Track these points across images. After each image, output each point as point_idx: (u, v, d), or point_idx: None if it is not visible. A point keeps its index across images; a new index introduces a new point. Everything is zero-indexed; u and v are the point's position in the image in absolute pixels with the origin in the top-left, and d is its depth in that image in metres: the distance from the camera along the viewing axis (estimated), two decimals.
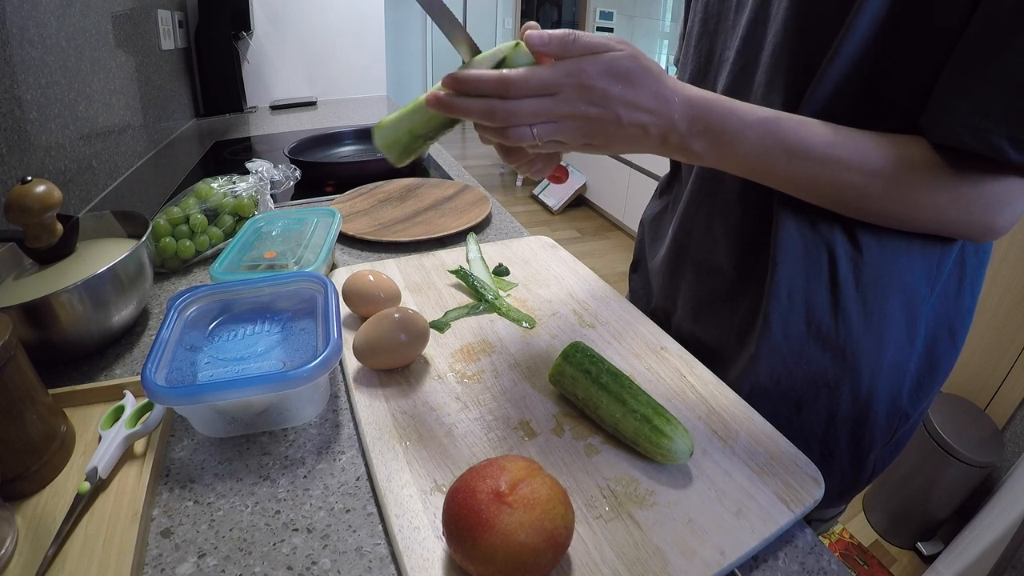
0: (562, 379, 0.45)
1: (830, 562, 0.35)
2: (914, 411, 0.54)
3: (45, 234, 0.53)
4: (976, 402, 1.43)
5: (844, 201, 0.42)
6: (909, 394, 0.52)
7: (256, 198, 0.76)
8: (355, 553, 0.35)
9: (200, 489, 0.40)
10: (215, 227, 0.72)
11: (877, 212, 0.42)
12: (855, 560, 1.41)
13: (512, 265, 0.69)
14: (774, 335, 0.50)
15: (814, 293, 0.48)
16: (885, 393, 0.51)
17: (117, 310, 0.53)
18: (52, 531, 0.35)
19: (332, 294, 0.49)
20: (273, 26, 1.86)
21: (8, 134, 0.73)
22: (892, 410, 0.52)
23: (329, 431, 0.46)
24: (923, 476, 1.37)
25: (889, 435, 0.54)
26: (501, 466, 0.32)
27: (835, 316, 0.48)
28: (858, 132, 0.40)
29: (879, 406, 0.51)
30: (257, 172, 0.78)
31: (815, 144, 0.40)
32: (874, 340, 0.48)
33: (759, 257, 0.51)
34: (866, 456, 0.54)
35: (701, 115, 0.40)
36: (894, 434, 0.54)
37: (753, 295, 0.52)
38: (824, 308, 0.48)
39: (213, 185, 0.74)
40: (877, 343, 0.48)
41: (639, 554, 0.33)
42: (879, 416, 0.52)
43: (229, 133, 1.51)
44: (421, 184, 0.99)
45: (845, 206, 0.43)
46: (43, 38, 0.84)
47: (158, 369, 0.41)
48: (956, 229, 0.42)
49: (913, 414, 0.54)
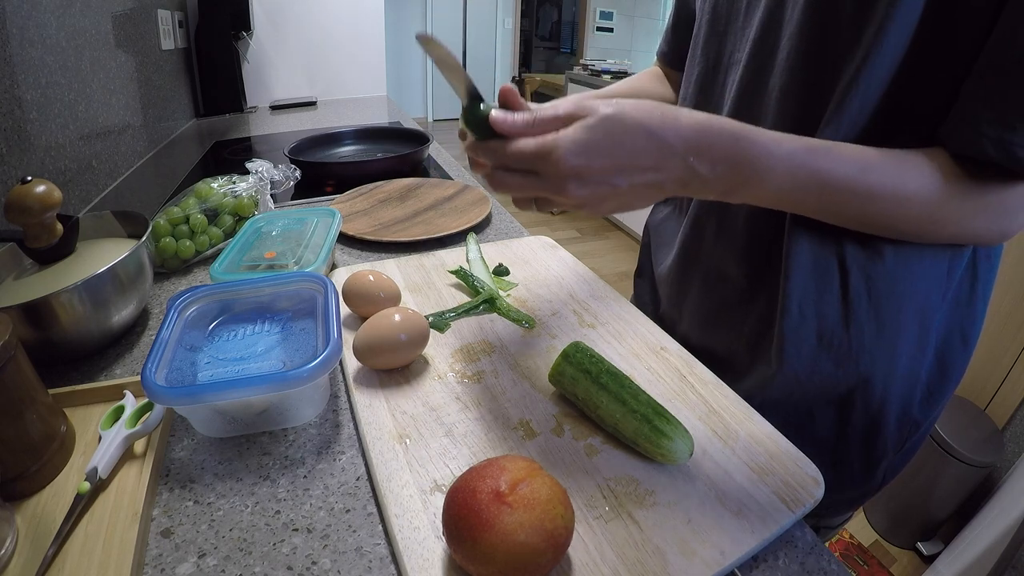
0: (562, 379, 0.45)
1: (830, 562, 0.35)
2: (925, 419, 0.53)
3: (45, 234, 0.53)
4: (976, 402, 1.43)
5: (875, 224, 0.41)
6: (920, 402, 0.52)
7: (256, 198, 0.76)
8: (355, 553, 0.35)
9: (200, 489, 0.40)
10: (215, 227, 0.72)
11: (906, 232, 0.41)
12: (855, 560, 1.41)
13: (512, 265, 0.69)
14: (787, 351, 0.49)
15: (826, 305, 0.47)
16: (897, 402, 0.50)
17: (117, 310, 0.53)
18: (52, 531, 0.35)
19: (332, 294, 0.49)
20: (273, 26, 1.86)
21: (8, 134, 0.73)
22: (903, 419, 0.52)
23: (329, 431, 0.46)
24: (923, 476, 1.37)
25: (900, 443, 0.54)
26: (501, 466, 0.32)
27: (847, 328, 0.47)
28: (891, 155, 0.39)
29: (891, 415, 0.51)
30: (257, 172, 0.78)
31: (849, 174, 0.38)
32: (886, 351, 0.48)
33: (771, 264, 0.50)
34: (877, 464, 0.54)
35: (710, 143, 0.37)
36: (905, 442, 0.54)
37: (764, 304, 0.52)
38: (836, 320, 0.47)
39: (213, 185, 0.74)
40: (890, 354, 0.48)
41: (639, 554, 0.33)
42: (890, 425, 0.51)
43: (229, 133, 1.51)
44: (421, 184, 0.99)
45: (873, 227, 0.42)
46: (43, 38, 0.84)
47: (158, 369, 0.41)
48: (974, 238, 0.42)
49: (924, 422, 0.54)
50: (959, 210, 0.39)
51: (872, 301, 0.46)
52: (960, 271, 0.47)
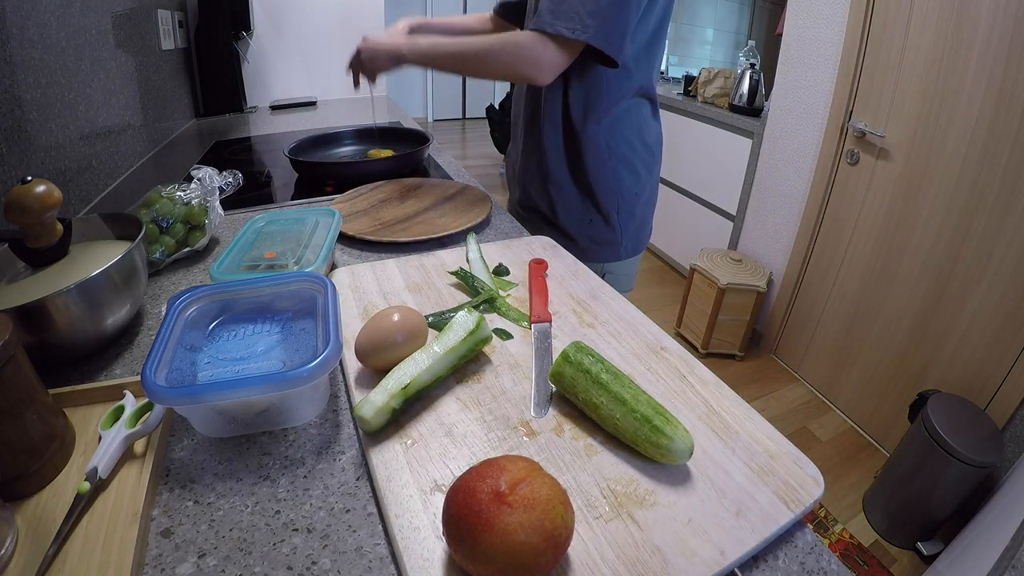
0: (562, 379, 0.45)
1: (830, 562, 0.35)
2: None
3: (45, 234, 0.53)
4: (976, 402, 1.43)
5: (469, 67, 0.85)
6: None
7: (205, 205, 0.75)
8: (355, 553, 0.35)
9: (200, 489, 0.40)
10: (168, 236, 0.71)
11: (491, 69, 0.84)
12: (855, 560, 1.41)
13: (512, 265, 0.69)
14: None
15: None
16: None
17: (112, 312, 0.53)
18: (52, 531, 0.35)
19: (332, 294, 0.49)
20: (273, 26, 1.86)
21: (8, 134, 0.73)
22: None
23: (329, 431, 0.46)
24: (923, 476, 1.37)
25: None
26: (501, 466, 0.32)
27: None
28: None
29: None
30: (200, 179, 0.77)
31: (461, 47, 0.82)
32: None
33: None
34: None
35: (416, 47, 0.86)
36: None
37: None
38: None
39: (162, 193, 0.73)
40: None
41: (639, 554, 0.33)
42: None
43: (229, 133, 1.51)
44: (421, 184, 0.99)
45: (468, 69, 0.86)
46: (43, 38, 0.84)
47: (158, 369, 0.41)
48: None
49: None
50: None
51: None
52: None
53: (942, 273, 1.51)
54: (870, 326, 1.75)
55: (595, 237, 0.98)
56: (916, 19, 1.47)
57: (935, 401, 1.41)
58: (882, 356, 1.72)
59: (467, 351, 0.49)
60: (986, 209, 1.38)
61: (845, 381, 1.87)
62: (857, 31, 1.62)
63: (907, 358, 1.64)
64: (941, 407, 1.39)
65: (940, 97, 1.45)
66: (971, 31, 1.35)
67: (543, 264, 0.68)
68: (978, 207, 1.40)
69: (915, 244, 1.57)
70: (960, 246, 1.46)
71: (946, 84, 1.43)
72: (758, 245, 2.17)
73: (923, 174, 1.52)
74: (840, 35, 1.69)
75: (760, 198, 2.12)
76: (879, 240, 1.68)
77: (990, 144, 1.35)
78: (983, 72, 1.34)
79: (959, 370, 1.51)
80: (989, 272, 1.40)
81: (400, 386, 0.43)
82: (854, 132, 1.68)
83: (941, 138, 1.46)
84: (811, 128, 1.85)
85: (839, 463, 1.70)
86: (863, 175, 1.70)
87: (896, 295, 1.65)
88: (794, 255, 1.99)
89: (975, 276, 1.43)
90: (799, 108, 1.88)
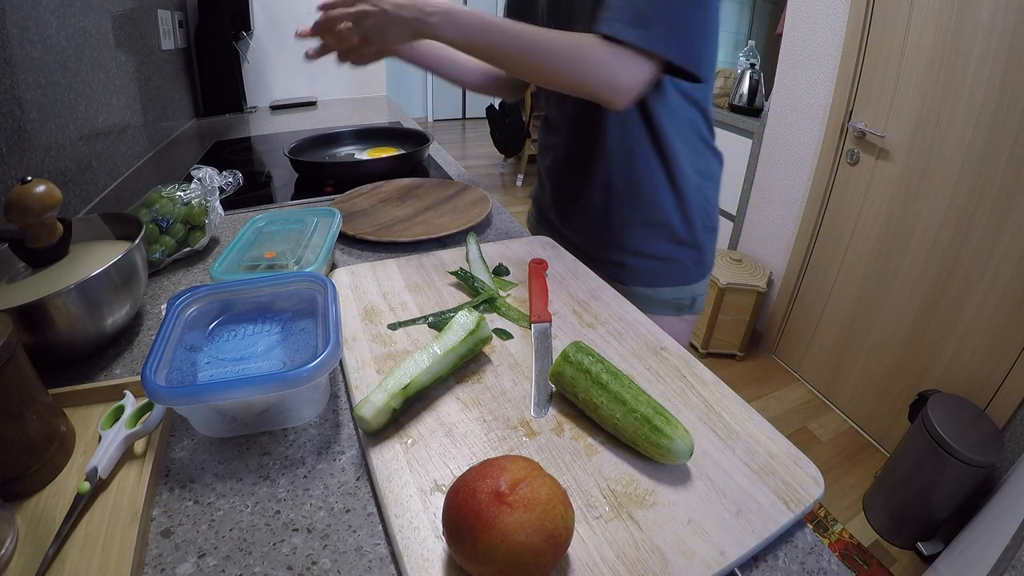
0: (562, 379, 0.45)
1: (830, 562, 0.35)
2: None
3: (45, 234, 0.53)
4: (976, 402, 1.43)
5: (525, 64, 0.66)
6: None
7: (205, 205, 0.75)
8: (355, 553, 0.35)
9: (200, 489, 0.40)
10: (168, 236, 0.71)
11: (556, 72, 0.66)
12: (855, 560, 1.41)
13: (512, 265, 0.69)
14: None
15: None
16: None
17: (112, 312, 0.53)
18: (52, 531, 0.35)
19: (332, 294, 0.49)
20: (273, 26, 1.86)
21: (8, 134, 0.73)
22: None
23: (329, 431, 0.46)
24: (923, 476, 1.37)
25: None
26: (501, 466, 0.32)
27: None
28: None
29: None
30: (200, 179, 0.77)
31: (506, 23, 0.64)
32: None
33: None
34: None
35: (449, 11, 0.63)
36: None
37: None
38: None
39: (163, 193, 0.73)
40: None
41: (639, 554, 0.33)
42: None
43: (229, 133, 1.51)
44: (421, 184, 0.99)
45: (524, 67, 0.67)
46: (43, 38, 0.84)
47: (158, 369, 0.41)
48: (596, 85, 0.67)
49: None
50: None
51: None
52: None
53: (942, 273, 1.51)
54: (870, 326, 1.75)
55: (680, 257, 0.84)
56: (916, 19, 1.47)
57: (935, 401, 1.41)
58: (882, 356, 1.72)
59: (467, 351, 0.49)
60: (986, 209, 1.38)
61: (845, 381, 1.87)
62: (857, 31, 1.62)
63: (907, 358, 1.64)
64: (941, 407, 1.39)
65: (940, 97, 1.45)
66: (971, 31, 1.35)
67: (543, 264, 0.68)
68: (978, 207, 1.40)
69: (915, 244, 1.57)
70: (960, 246, 1.46)
71: (946, 84, 1.43)
72: (758, 245, 2.18)
73: (923, 174, 1.52)
74: (840, 35, 1.69)
75: (760, 198, 2.12)
76: (879, 240, 1.68)
77: (990, 144, 1.35)
78: (983, 72, 1.34)
79: (959, 370, 1.51)
80: (989, 272, 1.40)
81: (400, 386, 0.43)
82: (854, 132, 1.68)
83: (941, 138, 1.46)
84: (811, 128, 1.85)
85: (839, 463, 1.70)
86: (863, 175, 1.70)
87: (896, 295, 1.65)
88: (794, 255, 1.99)
89: (975, 276, 1.43)
90: (799, 108, 1.88)
